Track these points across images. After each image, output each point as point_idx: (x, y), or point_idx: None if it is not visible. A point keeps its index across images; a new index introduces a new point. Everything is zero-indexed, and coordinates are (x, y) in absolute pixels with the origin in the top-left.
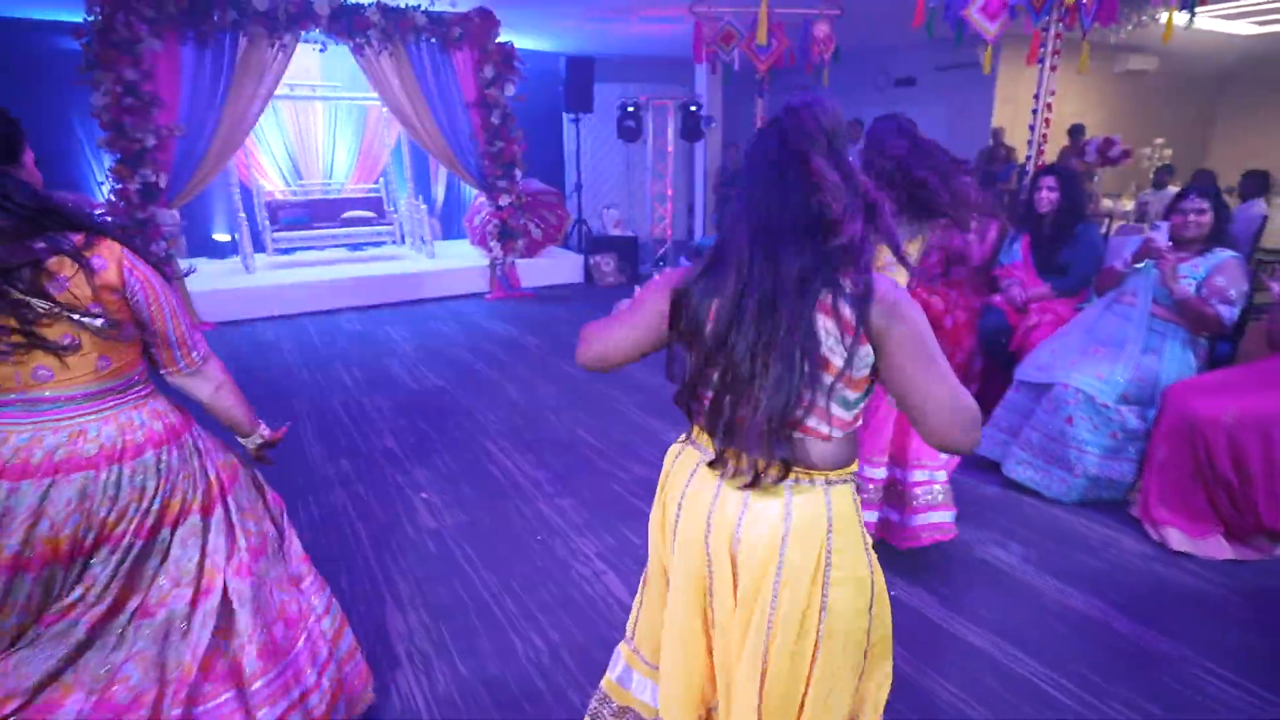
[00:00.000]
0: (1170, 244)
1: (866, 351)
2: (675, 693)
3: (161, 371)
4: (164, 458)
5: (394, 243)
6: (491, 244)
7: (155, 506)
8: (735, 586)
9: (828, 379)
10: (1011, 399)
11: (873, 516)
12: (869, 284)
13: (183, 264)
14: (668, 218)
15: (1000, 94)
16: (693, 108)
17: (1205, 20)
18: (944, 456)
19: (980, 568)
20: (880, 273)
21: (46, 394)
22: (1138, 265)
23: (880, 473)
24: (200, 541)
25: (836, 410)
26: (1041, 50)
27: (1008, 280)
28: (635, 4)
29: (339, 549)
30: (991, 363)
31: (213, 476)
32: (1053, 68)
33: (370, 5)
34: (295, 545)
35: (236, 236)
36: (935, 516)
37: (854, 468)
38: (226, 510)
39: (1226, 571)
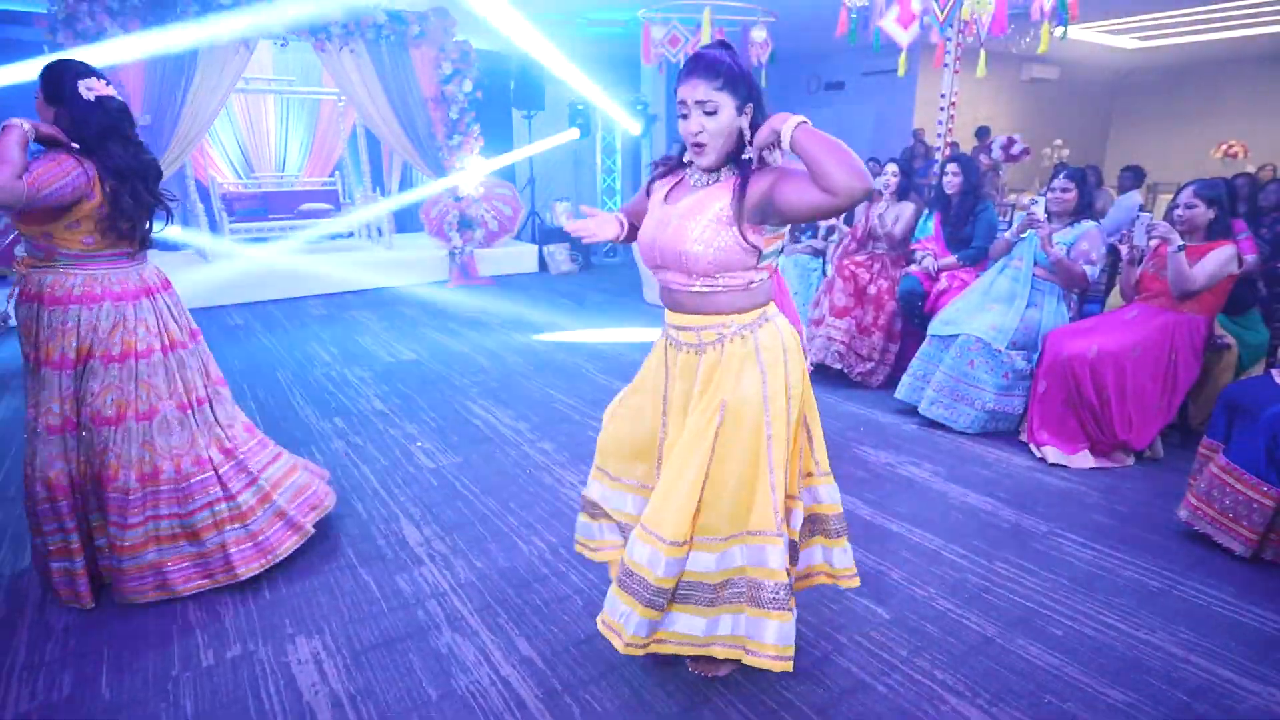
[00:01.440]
0: (1046, 217)
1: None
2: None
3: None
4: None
5: (349, 235)
6: (450, 234)
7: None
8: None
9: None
10: (925, 351)
11: None
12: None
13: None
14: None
15: (920, 97)
16: (639, 106)
17: (1094, 34)
18: None
19: (900, 481)
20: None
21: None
22: (1022, 235)
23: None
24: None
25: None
26: (946, 57)
27: (922, 252)
28: (585, 7)
29: (349, 483)
30: (909, 322)
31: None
32: (956, 72)
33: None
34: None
35: (191, 228)
36: None
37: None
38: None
39: (1091, 477)
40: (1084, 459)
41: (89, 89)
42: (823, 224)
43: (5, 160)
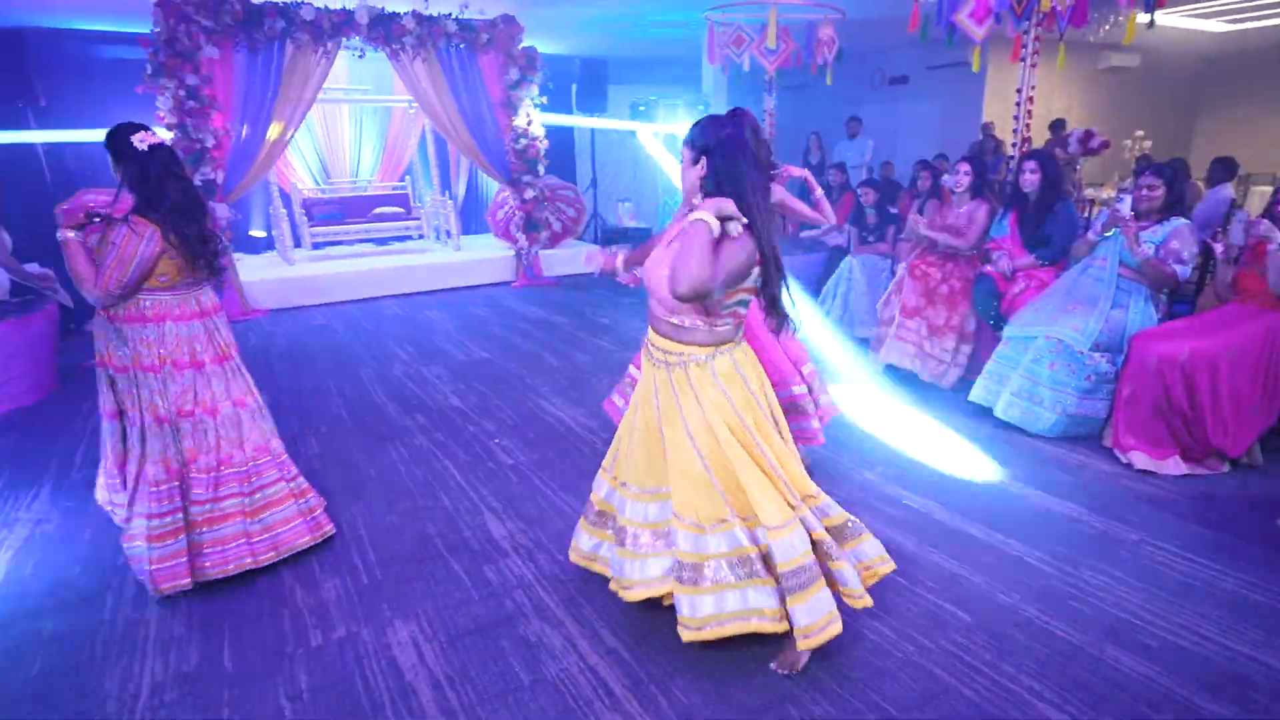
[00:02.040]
0: (1132, 215)
1: None
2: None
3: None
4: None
5: (419, 237)
6: (516, 235)
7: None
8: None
9: None
10: (1002, 353)
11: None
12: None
13: None
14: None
15: (990, 90)
16: (700, 106)
17: (1178, 19)
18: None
19: (976, 484)
20: None
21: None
22: (1106, 234)
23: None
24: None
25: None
26: (1023, 50)
27: (997, 252)
28: (648, 9)
29: (433, 477)
30: (984, 323)
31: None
32: (1033, 65)
33: (406, 14)
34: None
35: (275, 233)
36: (824, 398)
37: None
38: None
39: (1182, 484)
40: (1174, 465)
41: (141, 141)
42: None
43: (82, 278)
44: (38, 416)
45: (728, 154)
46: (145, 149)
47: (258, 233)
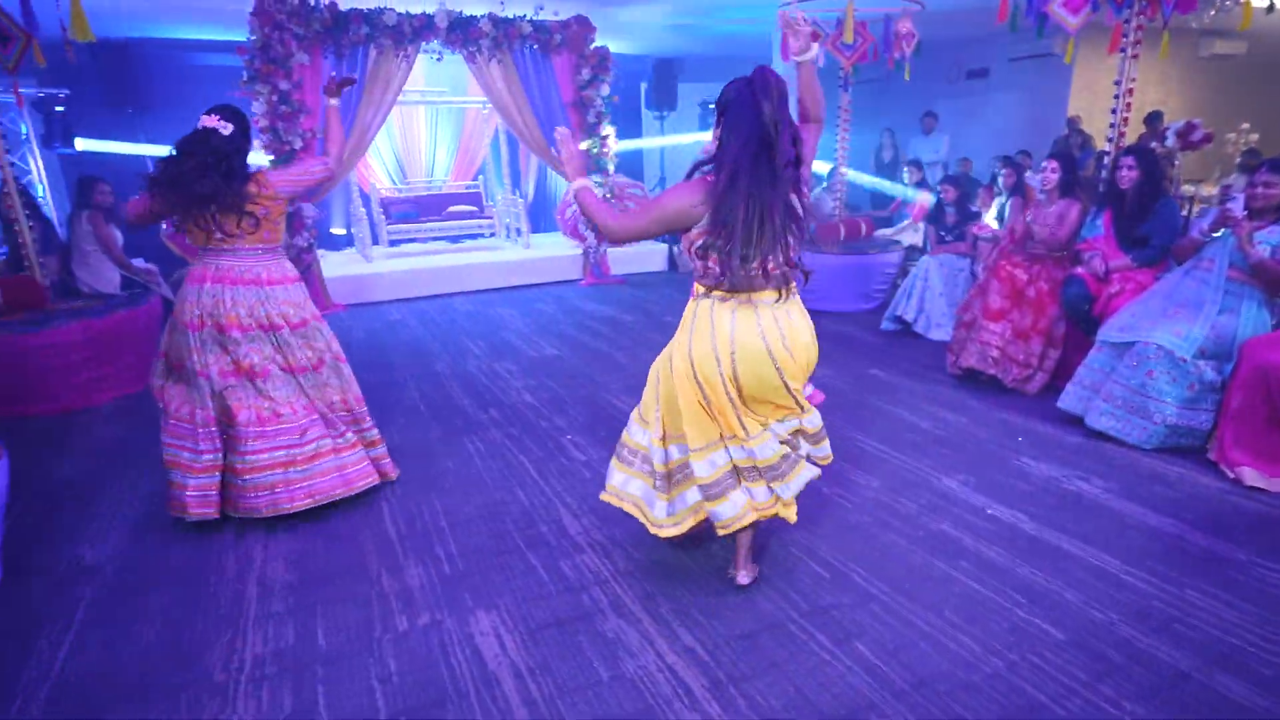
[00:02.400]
0: (1245, 213)
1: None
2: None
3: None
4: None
5: (491, 235)
6: (585, 233)
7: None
8: (792, 360)
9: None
10: (1094, 358)
11: None
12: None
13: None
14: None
15: (1077, 82)
16: None
17: None
18: None
19: (1067, 496)
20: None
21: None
22: (1214, 234)
23: None
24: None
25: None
26: (1123, 40)
27: (1090, 253)
28: (720, 5)
29: (509, 471)
30: (1075, 327)
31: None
32: (1134, 56)
33: (483, 17)
34: None
35: (355, 230)
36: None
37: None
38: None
39: None
40: None
41: (202, 123)
42: (974, 227)
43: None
44: (144, 403)
45: (730, 112)
46: (200, 128)
47: (338, 230)
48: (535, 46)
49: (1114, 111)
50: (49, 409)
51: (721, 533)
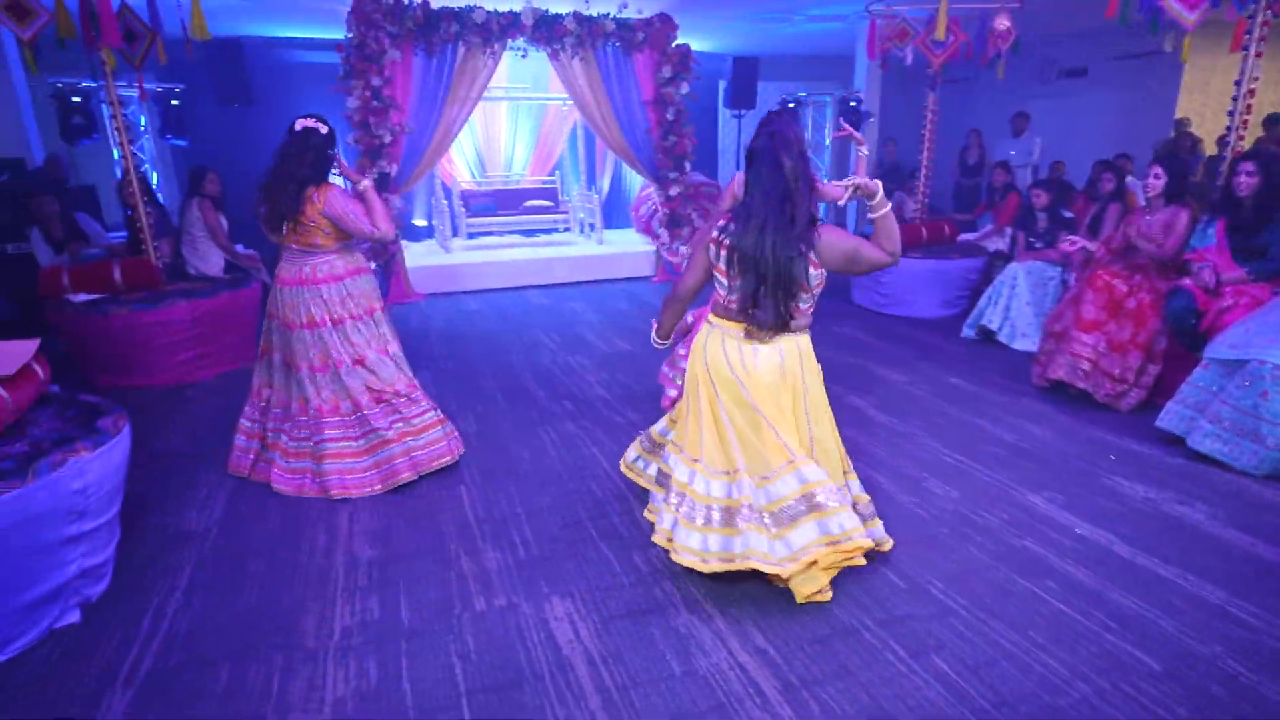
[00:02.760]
0: None
1: (820, 274)
2: (728, 457)
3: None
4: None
5: (565, 230)
6: (659, 231)
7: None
8: (782, 391)
9: (804, 294)
10: (1200, 376)
11: None
12: (817, 239)
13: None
14: (821, 209)
15: (1187, 82)
16: (853, 103)
17: None
18: None
19: (1166, 520)
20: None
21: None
22: None
23: None
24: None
25: (805, 305)
26: (1246, 38)
27: (1199, 264)
28: (802, 3)
29: (582, 463)
30: (1178, 342)
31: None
32: (1258, 54)
33: (568, 15)
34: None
35: (435, 222)
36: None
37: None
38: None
39: None
40: None
41: (300, 125)
42: (1067, 234)
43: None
44: (243, 380)
45: (755, 164)
46: (297, 129)
47: (420, 222)
48: (618, 44)
49: (1231, 113)
50: (159, 381)
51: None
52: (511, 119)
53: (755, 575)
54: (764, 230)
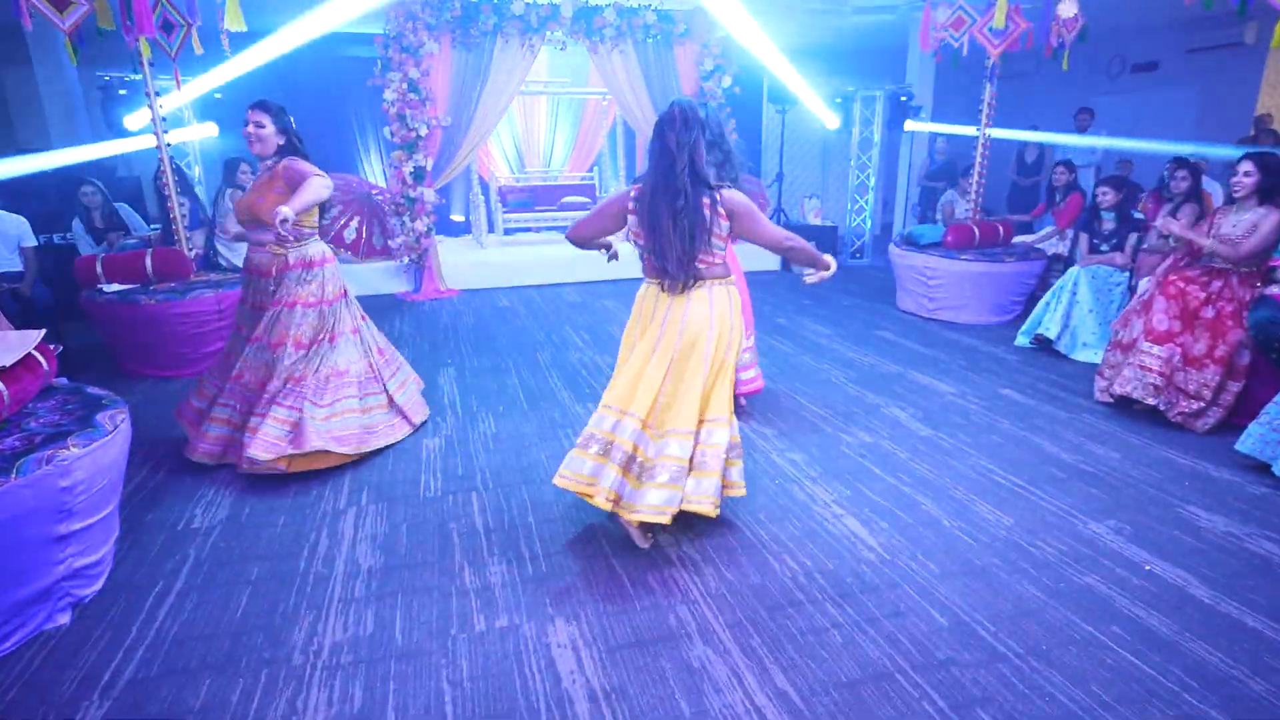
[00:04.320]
0: None
1: (724, 224)
2: (645, 401)
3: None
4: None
5: None
6: None
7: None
8: (680, 342)
9: (707, 237)
10: None
11: None
12: (721, 194)
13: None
14: (867, 209)
15: (1269, 76)
16: (903, 98)
17: None
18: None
19: (1251, 559)
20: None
21: None
22: None
23: None
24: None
25: (716, 250)
26: None
27: None
28: None
29: None
30: (1264, 357)
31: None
32: None
33: (607, 6)
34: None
35: (472, 217)
36: (745, 374)
37: (730, 279)
38: None
39: None
40: None
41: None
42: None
43: None
44: None
45: (651, 140)
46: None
47: (458, 217)
48: (658, 36)
49: None
50: (187, 372)
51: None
52: (551, 114)
53: (765, 592)
54: (655, 194)
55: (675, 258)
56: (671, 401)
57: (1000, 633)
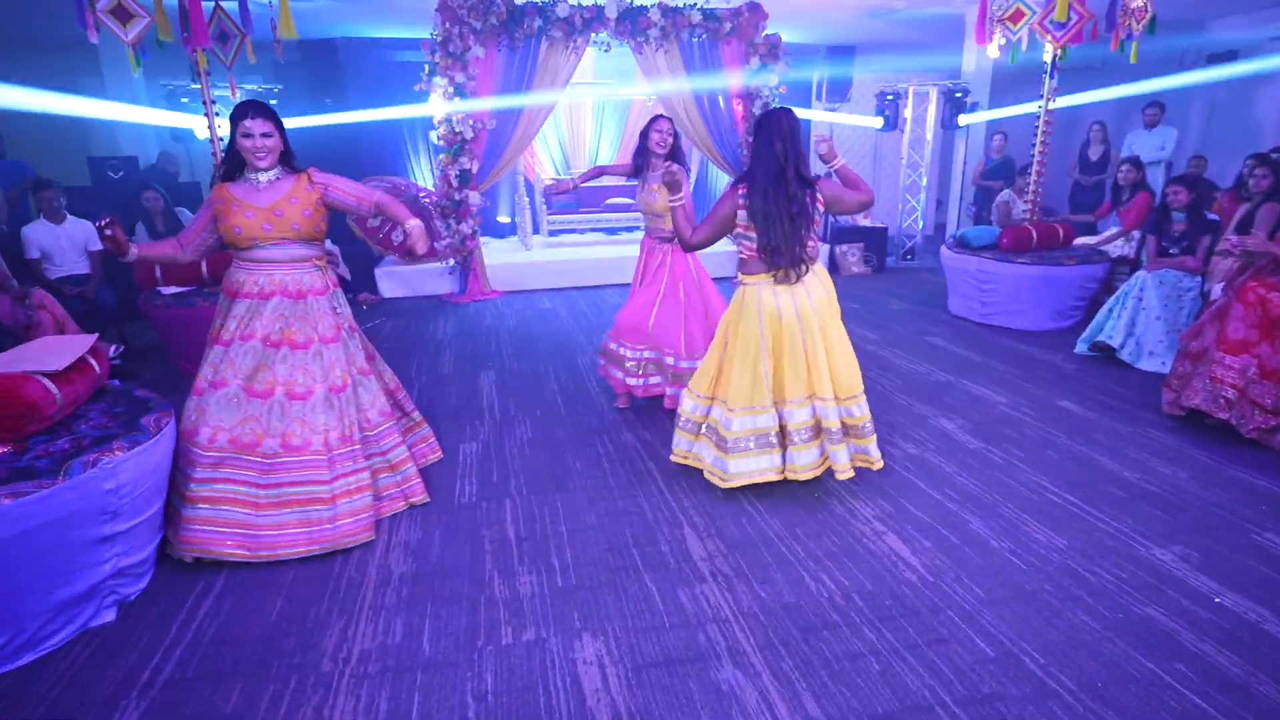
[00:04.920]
0: None
1: (821, 209)
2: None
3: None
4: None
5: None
6: None
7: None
8: (814, 328)
9: (810, 224)
10: None
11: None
12: (819, 185)
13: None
14: (918, 209)
15: None
16: (958, 94)
17: None
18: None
19: None
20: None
21: None
22: None
23: (645, 353)
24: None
25: (815, 233)
26: None
27: None
28: None
29: (636, 478)
30: None
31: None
32: None
33: (652, 6)
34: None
35: (517, 219)
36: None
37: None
38: None
39: None
40: None
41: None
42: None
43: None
44: None
45: (756, 142)
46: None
47: (503, 218)
48: (703, 35)
49: None
50: None
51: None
52: (596, 115)
53: (799, 612)
54: (766, 197)
55: (790, 249)
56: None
57: (1051, 666)
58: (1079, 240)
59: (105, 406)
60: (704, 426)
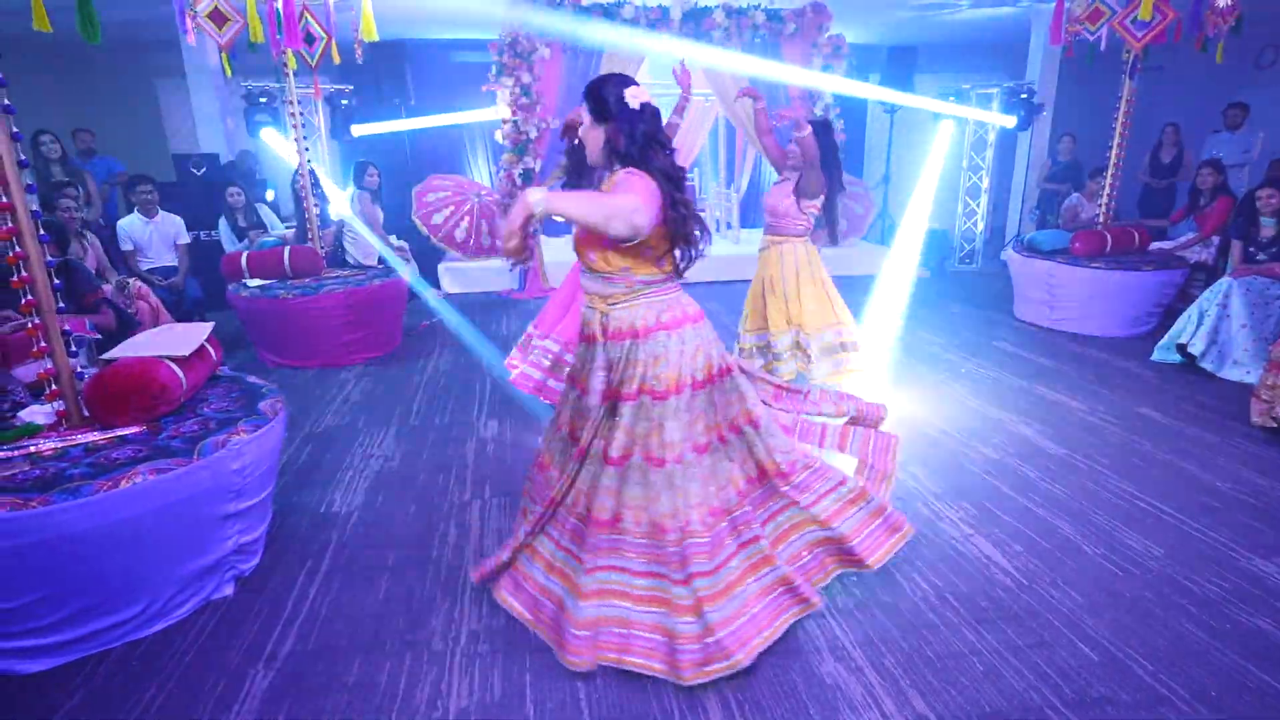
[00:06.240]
0: None
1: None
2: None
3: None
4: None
5: None
6: None
7: None
8: None
9: None
10: None
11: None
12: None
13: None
14: (979, 212)
15: None
16: (1023, 94)
17: None
18: None
19: None
20: None
21: None
22: None
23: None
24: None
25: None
26: None
27: None
28: None
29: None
30: None
31: None
32: None
33: (717, 7)
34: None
35: None
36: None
37: None
38: None
39: None
40: None
41: (634, 97)
42: None
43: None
44: (389, 366)
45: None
46: (638, 107)
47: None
48: (766, 35)
49: None
50: (314, 363)
51: None
52: None
53: (895, 612)
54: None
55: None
56: None
57: (1160, 673)
58: (1154, 245)
59: (223, 391)
60: None
